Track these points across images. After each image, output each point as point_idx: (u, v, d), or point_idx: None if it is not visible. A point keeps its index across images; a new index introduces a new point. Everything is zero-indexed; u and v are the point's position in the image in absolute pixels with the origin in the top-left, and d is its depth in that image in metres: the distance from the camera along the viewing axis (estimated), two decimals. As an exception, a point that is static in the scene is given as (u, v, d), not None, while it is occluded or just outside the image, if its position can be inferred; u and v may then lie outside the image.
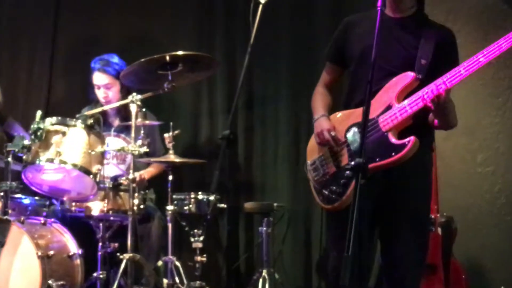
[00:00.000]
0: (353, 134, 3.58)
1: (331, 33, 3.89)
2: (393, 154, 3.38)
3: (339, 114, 3.72)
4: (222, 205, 5.01)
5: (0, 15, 6.30)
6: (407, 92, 3.46)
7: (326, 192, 3.63)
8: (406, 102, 3.43)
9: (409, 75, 3.46)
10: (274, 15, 5.52)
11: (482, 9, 5.22)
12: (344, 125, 3.64)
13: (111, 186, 4.81)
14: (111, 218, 4.87)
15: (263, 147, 5.89)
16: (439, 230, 4.73)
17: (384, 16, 3.55)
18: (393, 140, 3.43)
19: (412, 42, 3.53)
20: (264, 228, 5.20)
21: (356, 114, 3.60)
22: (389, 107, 3.47)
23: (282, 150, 5.78)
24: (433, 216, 4.72)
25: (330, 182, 3.63)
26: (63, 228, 4.79)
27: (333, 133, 3.62)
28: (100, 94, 5.46)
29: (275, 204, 5.30)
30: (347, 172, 3.55)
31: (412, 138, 3.38)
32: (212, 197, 4.92)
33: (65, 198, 4.85)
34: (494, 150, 5.24)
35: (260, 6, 3.82)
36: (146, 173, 5.34)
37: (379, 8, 3.12)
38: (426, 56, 3.51)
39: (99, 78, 5.43)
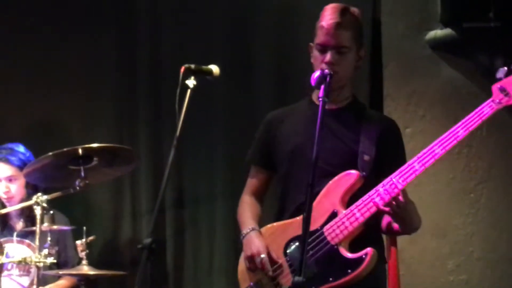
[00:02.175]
0: (295, 251, 3.42)
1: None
2: (349, 271, 3.27)
3: (272, 227, 3.55)
4: (146, 325, 4.64)
5: None
6: (351, 194, 3.37)
7: None
8: (354, 207, 3.33)
9: (353, 174, 3.36)
10: (208, 100, 5.33)
11: (450, 91, 5.11)
12: (281, 240, 3.47)
13: (10, 306, 4.72)
14: None
15: (196, 254, 5.58)
16: None
17: (314, 108, 3.45)
18: (347, 254, 3.31)
19: (352, 136, 3.43)
20: None
21: (294, 225, 3.44)
22: (334, 215, 3.36)
23: (218, 259, 5.47)
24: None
25: None
26: None
27: (264, 256, 3.42)
28: (0, 189, 5.15)
29: (211, 324, 5.00)
30: None
31: (369, 250, 3.28)
32: (135, 316, 4.58)
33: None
34: (468, 255, 5.06)
35: (188, 91, 3.48)
36: (55, 287, 5.05)
37: (320, 99, 3.05)
38: (369, 151, 3.45)
39: (0, 170, 5.16)
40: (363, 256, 3.28)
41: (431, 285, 5.07)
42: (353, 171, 3.36)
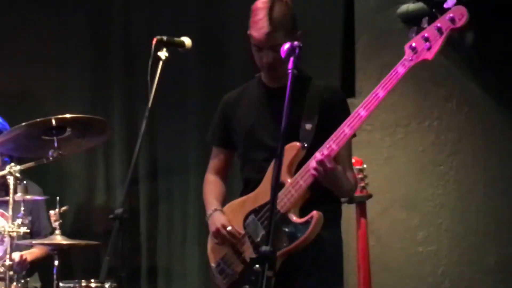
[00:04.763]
0: (252, 223, 3.57)
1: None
2: (299, 235, 3.39)
3: (232, 205, 3.70)
4: (120, 294, 4.71)
5: None
6: (296, 164, 3.46)
7: None
8: (298, 175, 3.44)
9: (294, 146, 3.44)
10: (182, 73, 5.39)
11: (421, 65, 5.09)
12: (241, 215, 3.61)
13: (-17, 274, 4.59)
14: (-18, 313, 4.52)
15: (169, 225, 5.64)
16: (373, 322, 4.53)
17: (261, 88, 3.59)
18: (295, 219, 3.43)
19: (296, 112, 3.42)
20: (171, 322, 4.94)
21: (251, 200, 3.61)
22: (282, 186, 3.45)
23: (191, 229, 5.51)
24: (366, 306, 4.54)
25: (241, 282, 3.53)
26: None
27: (229, 228, 3.58)
28: None
29: (182, 293, 5.03)
30: (256, 265, 3.27)
31: (314, 213, 3.38)
32: (107, 285, 4.63)
33: None
34: (436, 227, 5.08)
35: (160, 63, 3.52)
36: (29, 254, 5.11)
37: (290, 71, 3.11)
38: (311, 120, 3.52)
39: None
40: (309, 219, 3.37)
41: (401, 256, 5.10)
42: (295, 143, 3.43)
